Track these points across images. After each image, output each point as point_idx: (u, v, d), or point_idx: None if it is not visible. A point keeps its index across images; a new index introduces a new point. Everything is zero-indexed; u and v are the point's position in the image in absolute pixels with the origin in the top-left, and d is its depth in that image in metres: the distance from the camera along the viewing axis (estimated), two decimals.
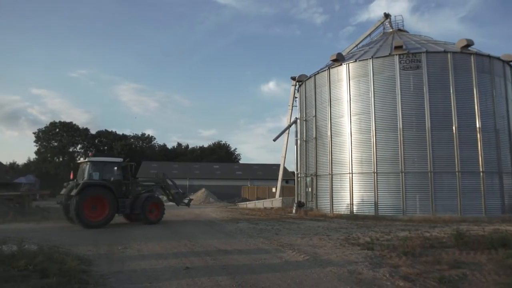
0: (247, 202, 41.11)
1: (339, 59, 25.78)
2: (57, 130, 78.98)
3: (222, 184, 63.05)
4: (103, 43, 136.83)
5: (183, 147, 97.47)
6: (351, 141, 24.15)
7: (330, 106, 25.77)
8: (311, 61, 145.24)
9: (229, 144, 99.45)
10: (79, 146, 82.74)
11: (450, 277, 7.41)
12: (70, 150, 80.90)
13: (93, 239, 13.50)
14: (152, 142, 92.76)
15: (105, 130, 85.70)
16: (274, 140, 30.70)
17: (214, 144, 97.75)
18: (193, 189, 53.50)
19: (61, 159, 79.43)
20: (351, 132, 24.23)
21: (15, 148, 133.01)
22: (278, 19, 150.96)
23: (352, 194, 23.66)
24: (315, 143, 27.10)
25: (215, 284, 7.18)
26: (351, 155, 24.01)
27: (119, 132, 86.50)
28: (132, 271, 8.30)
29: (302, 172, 28.82)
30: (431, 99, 22.32)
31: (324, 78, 26.67)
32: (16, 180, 50.69)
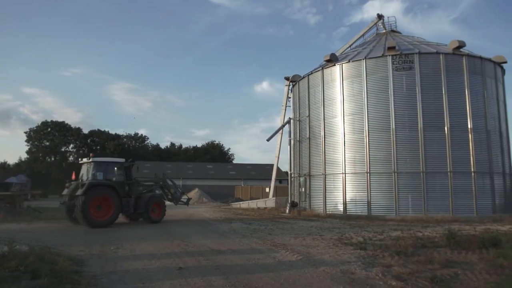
0: (241, 202, 41.07)
1: (333, 59, 25.87)
2: (49, 129, 78.31)
3: (215, 184, 62.94)
4: (96, 42, 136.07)
5: (176, 147, 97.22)
6: (344, 141, 24.25)
7: (324, 106, 25.85)
8: (305, 61, 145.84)
9: (222, 144, 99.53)
10: (71, 145, 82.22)
11: (442, 276, 7.47)
12: (62, 149, 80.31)
13: (85, 239, 13.40)
14: (145, 142, 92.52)
15: (98, 129, 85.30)
16: (268, 140, 30.72)
17: (207, 144, 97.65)
18: (187, 189, 52.92)
19: (53, 158, 78.79)
20: (344, 132, 24.33)
21: (6, 148, 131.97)
22: (271, 19, 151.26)
23: (345, 194, 23.76)
24: (308, 143, 27.17)
25: (208, 284, 7.16)
26: (344, 155, 24.10)
27: (112, 131, 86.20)
28: (124, 272, 8.26)
29: (296, 172, 28.87)
30: (423, 100, 22.49)
31: (317, 79, 26.75)
32: (7, 180, 50.12)
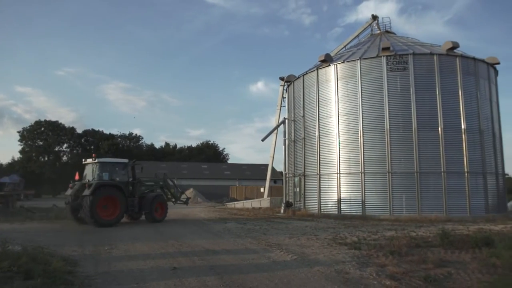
0: (235, 202, 41.03)
1: (327, 59, 25.94)
2: (43, 129, 77.61)
3: (210, 184, 62.84)
4: (90, 41, 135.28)
5: (171, 146, 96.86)
6: (339, 141, 24.31)
7: (318, 107, 25.90)
8: (300, 61, 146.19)
9: (217, 144, 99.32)
10: (65, 145, 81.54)
11: (435, 276, 7.51)
12: (56, 149, 79.62)
13: (78, 239, 13.32)
14: (140, 142, 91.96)
15: (92, 129, 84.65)
16: (263, 140, 30.68)
17: (202, 144, 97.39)
18: (181, 189, 53.14)
19: (46, 158, 78.13)
20: (339, 133, 24.39)
21: None
22: (266, 19, 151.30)
23: (340, 194, 23.82)
24: (303, 143, 27.21)
25: (203, 284, 7.15)
26: (339, 155, 24.16)
27: (106, 131, 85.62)
28: (118, 272, 8.21)
29: (290, 172, 28.90)
30: (417, 100, 22.61)
31: (312, 79, 26.80)
32: None
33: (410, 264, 8.54)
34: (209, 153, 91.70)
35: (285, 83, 32.24)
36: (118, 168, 19.12)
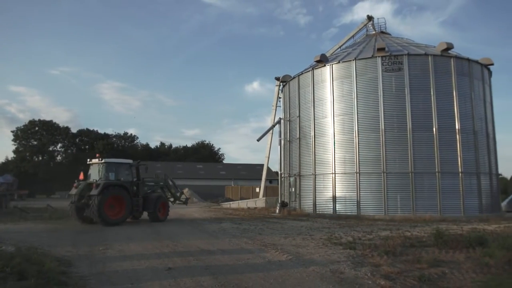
0: (231, 202, 41.01)
1: (323, 60, 25.99)
2: (37, 128, 77.17)
3: (205, 184, 62.78)
4: (85, 41, 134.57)
5: (166, 146, 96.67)
6: (334, 141, 24.37)
7: (314, 107, 25.95)
8: (295, 61, 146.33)
9: (212, 144, 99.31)
10: (59, 145, 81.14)
11: (429, 275, 7.55)
12: (50, 149, 79.19)
13: (73, 240, 13.25)
14: (135, 142, 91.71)
15: (87, 129, 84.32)
16: (258, 140, 30.72)
17: (197, 143, 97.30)
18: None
19: (40, 158, 77.68)
20: (334, 133, 24.45)
21: None
22: (262, 19, 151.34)
23: (335, 194, 23.88)
24: (298, 143, 27.25)
25: (198, 284, 7.13)
26: (334, 156, 24.22)
27: (100, 131, 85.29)
28: (113, 272, 8.17)
29: (286, 172, 28.93)
30: (412, 101, 22.72)
31: (308, 79, 26.84)
32: None
33: (404, 264, 8.58)
34: (204, 153, 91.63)
35: (281, 83, 32.28)
36: (123, 169, 19.48)
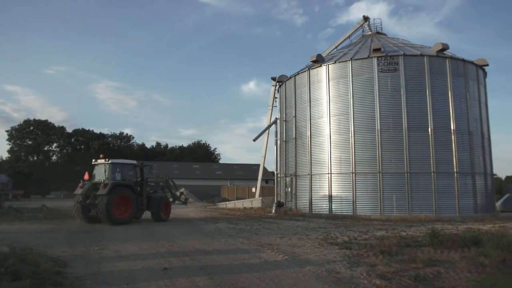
0: (227, 202, 40.98)
1: (319, 60, 26.04)
2: (32, 128, 76.74)
3: (201, 184, 62.70)
4: (80, 40, 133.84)
5: (162, 146, 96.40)
6: (330, 141, 24.42)
7: (310, 107, 25.99)
8: (291, 61, 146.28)
9: (209, 144, 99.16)
10: (55, 145, 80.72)
11: (425, 275, 7.58)
12: (45, 149, 78.77)
13: (68, 240, 13.19)
14: (131, 141, 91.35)
15: (82, 128, 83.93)
16: (254, 140, 30.72)
17: (193, 143, 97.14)
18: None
19: (35, 158, 77.26)
20: (330, 133, 24.50)
21: None
22: (259, 19, 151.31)
23: (331, 194, 23.93)
24: (294, 143, 27.28)
25: (194, 284, 7.12)
26: (330, 156, 24.27)
27: (96, 131, 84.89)
28: (108, 272, 8.15)
29: (282, 172, 28.95)
30: (408, 101, 22.81)
31: (304, 79, 26.87)
32: None
33: (400, 264, 8.61)
34: (200, 153, 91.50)
35: (277, 83, 32.29)
36: (128, 169, 19.88)
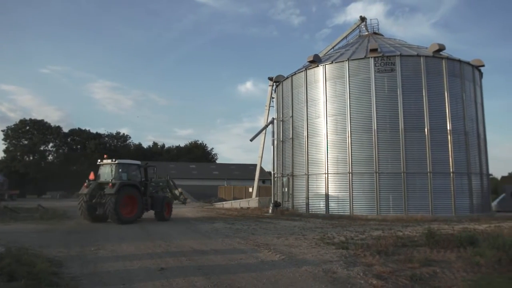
0: (224, 202, 40.96)
1: (316, 60, 26.07)
2: (27, 128, 76.38)
3: (198, 184, 62.61)
4: (76, 39, 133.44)
5: (159, 146, 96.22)
6: (327, 141, 24.45)
7: (307, 107, 26.01)
8: (288, 61, 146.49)
9: (205, 144, 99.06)
10: (51, 144, 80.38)
11: (421, 274, 7.60)
12: (41, 148, 78.41)
13: (64, 240, 13.13)
14: (127, 141, 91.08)
15: (78, 128, 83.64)
16: (251, 140, 30.71)
17: (190, 143, 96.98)
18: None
19: (31, 158, 76.88)
20: (327, 133, 24.54)
21: None
22: (255, 19, 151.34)
23: (328, 194, 23.96)
24: (291, 143, 27.29)
25: (190, 284, 7.11)
26: (327, 156, 24.30)
27: (92, 130, 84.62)
28: (105, 273, 8.12)
29: (279, 172, 28.96)
30: (404, 101, 22.88)
31: (301, 79, 26.90)
32: None
33: (396, 264, 8.63)
34: (197, 153, 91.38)
35: (274, 83, 32.31)
36: (133, 169, 20.24)
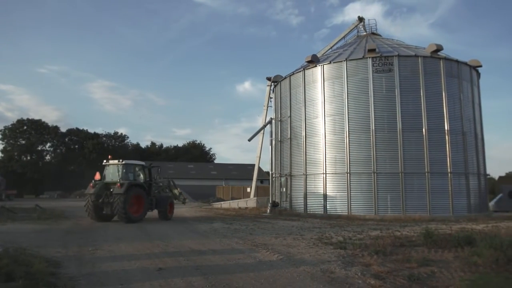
0: (222, 202, 40.92)
1: (314, 60, 26.09)
2: (25, 127, 76.16)
3: (196, 184, 62.54)
4: (74, 39, 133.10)
5: (157, 146, 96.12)
6: (325, 141, 24.47)
7: (305, 107, 26.03)
8: (287, 62, 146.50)
9: (204, 144, 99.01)
10: (48, 144, 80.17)
11: (419, 274, 7.62)
12: (39, 148, 78.21)
13: (62, 240, 13.10)
14: (125, 141, 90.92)
15: (76, 128, 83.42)
16: (249, 140, 30.67)
17: (188, 143, 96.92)
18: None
19: (28, 158, 76.67)
20: (325, 133, 24.56)
21: None
22: (254, 19, 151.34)
23: (326, 194, 23.98)
24: (289, 143, 27.30)
25: (188, 284, 7.10)
26: (325, 156, 24.33)
27: (90, 130, 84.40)
28: (103, 273, 8.10)
29: (277, 172, 28.97)
30: (402, 102, 22.92)
31: (299, 79, 26.91)
32: None
33: (394, 263, 8.65)
34: (195, 153, 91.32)
35: (272, 83, 32.29)
36: (138, 170, 20.73)
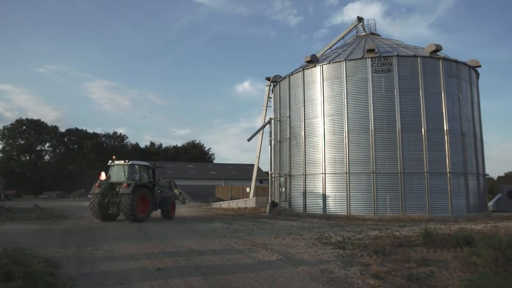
0: (221, 202, 40.91)
1: (313, 60, 26.10)
2: (24, 127, 76.09)
3: (196, 184, 62.53)
4: (73, 39, 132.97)
5: (156, 146, 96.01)
6: (324, 141, 24.48)
7: (304, 107, 26.04)
8: (286, 62, 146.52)
9: (203, 144, 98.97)
10: (47, 144, 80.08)
11: (418, 274, 7.63)
12: (38, 148, 78.12)
13: (61, 240, 13.08)
14: (124, 141, 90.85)
15: (75, 128, 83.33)
16: (248, 140, 30.68)
17: (188, 143, 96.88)
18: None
19: (27, 158, 76.58)
20: (324, 133, 24.57)
21: None
22: (253, 19, 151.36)
23: (325, 194, 23.99)
24: (289, 143, 27.31)
25: (188, 284, 7.10)
26: (324, 156, 24.33)
27: (89, 130, 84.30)
28: (102, 273, 8.09)
29: (276, 172, 28.97)
30: (401, 102, 22.95)
31: (298, 79, 26.92)
32: None
33: (393, 263, 8.65)
34: (194, 153, 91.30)
35: (271, 84, 32.29)
36: (143, 170, 20.91)
